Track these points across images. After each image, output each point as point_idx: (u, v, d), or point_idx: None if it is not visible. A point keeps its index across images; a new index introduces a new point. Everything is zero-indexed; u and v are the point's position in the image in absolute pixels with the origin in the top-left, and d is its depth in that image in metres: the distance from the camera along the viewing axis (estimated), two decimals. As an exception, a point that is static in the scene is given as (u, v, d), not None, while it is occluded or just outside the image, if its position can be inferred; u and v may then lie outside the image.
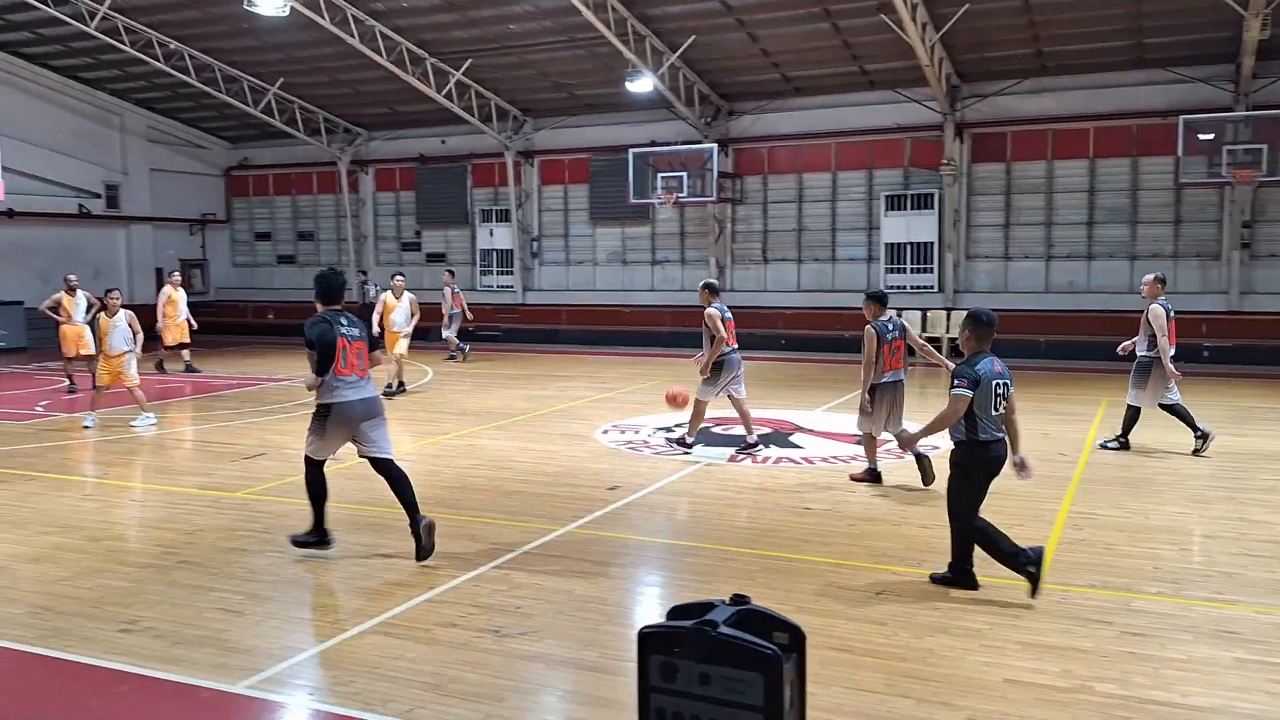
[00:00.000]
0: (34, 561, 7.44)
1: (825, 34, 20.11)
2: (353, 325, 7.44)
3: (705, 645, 2.63)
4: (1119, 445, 11.31)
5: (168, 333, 19.09)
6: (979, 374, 6.38)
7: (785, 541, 7.76)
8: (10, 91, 25.26)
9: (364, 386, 7.39)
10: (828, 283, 23.72)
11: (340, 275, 7.74)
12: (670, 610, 2.88)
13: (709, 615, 2.79)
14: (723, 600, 2.97)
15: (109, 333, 13.38)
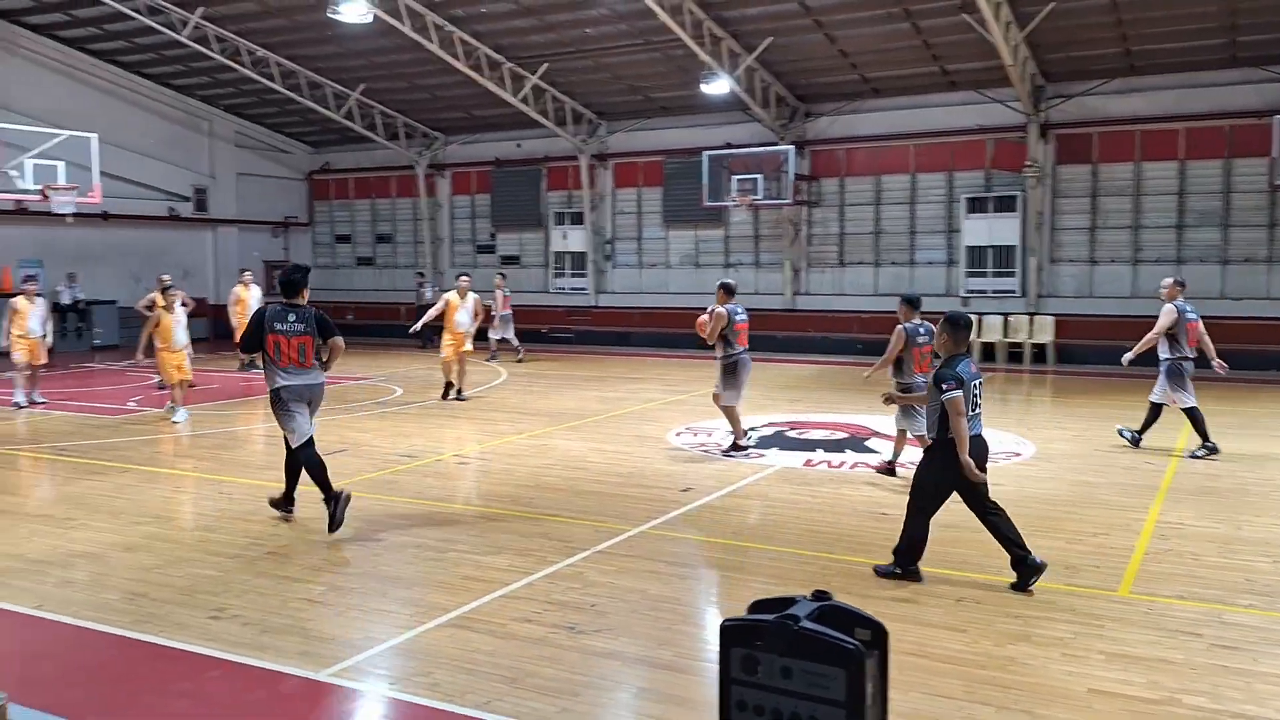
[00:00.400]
0: (129, 550, 7.68)
1: (905, 34, 19.86)
2: (299, 320, 8.21)
3: (787, 639, 2.61)
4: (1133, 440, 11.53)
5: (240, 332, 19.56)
6: (961, 375, 6.57)
7: (861, 546, 7.67)
8: (108, 99, 26.13)
9: (304, 374, 8.24)
10: (905, 286, 23.37)
11: (298, 271, 8.51)
12: (751, 605, 2.87)
13: (790, 610, 2.77)
14: (804, 596, 2.94)
15: (172, 329, 13.81)
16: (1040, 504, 9.05)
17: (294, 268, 8.50)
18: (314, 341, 8.26)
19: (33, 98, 23.92)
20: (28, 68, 24.45)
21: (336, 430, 13.07)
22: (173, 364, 13.97)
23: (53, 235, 24.58)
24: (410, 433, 12.91)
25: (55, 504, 9.19)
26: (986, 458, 6.81)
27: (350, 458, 11.25)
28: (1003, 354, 21.42)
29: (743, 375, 11.33)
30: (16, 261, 24.43)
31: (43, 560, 7.43)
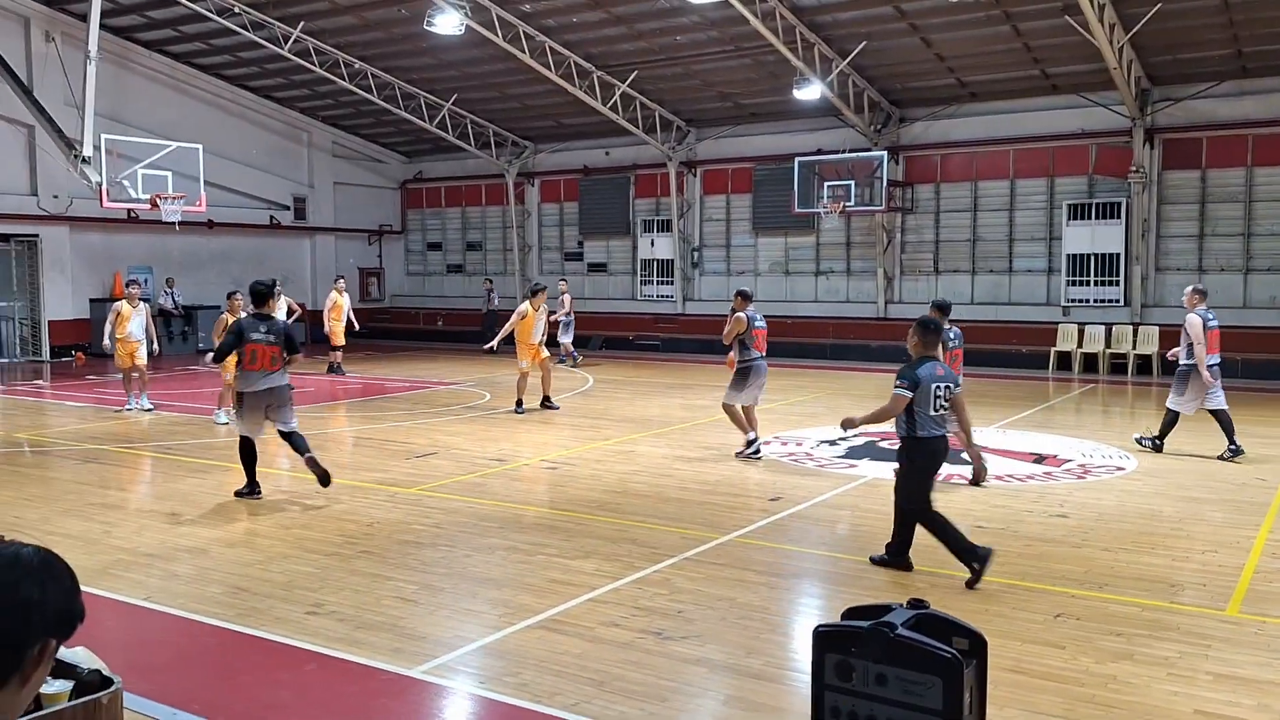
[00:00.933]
0: (231, 546, 7.93)
1: (1005, 37, 19.46)
2: (269, 332, 9.39)
3: (883, 646, 2.56)
4: (1154, 447, 11.72)
5: (335, 336, 20.09)
6: (919, 377, 6.91)
7: (954, 560, 7.45)
8: (213, 111, 27.05)
9: (271, 378, 9.38)
10: (1004, 295, 22.89)
11: (265, 285, 9.75)
12: (846, 611, 2.80)
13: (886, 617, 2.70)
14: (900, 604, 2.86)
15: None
16: (1144, 520, 8.75)
17: (259, 282, 9.88)
18: (282, 351, 9.47)
19: (144, 111, 24.85)
20: (140, 82, 25.44)
21: (426, 433, 13.30)
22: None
23: (161, 243, 25.51)
24: (498, 437, 13.05)
25: (163, 500, 9.50)
26: (944, 458, 7.20)
27: (440, 460, 11.42)
28: (1105, 365, 20.78)
29: (754, 379, 11.59)
30: (127, 268, 25.40)
31: (151, 554, 7.70)
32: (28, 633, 1.61)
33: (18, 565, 1.62)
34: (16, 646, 1.60)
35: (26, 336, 24.02)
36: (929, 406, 6.91)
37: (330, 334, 20.27)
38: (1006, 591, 6.72)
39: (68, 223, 23.98)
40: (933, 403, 6.92)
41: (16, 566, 1.62)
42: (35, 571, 1.63)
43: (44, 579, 1.64)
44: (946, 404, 7.03)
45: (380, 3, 21.37)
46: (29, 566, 1.63)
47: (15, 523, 8.58)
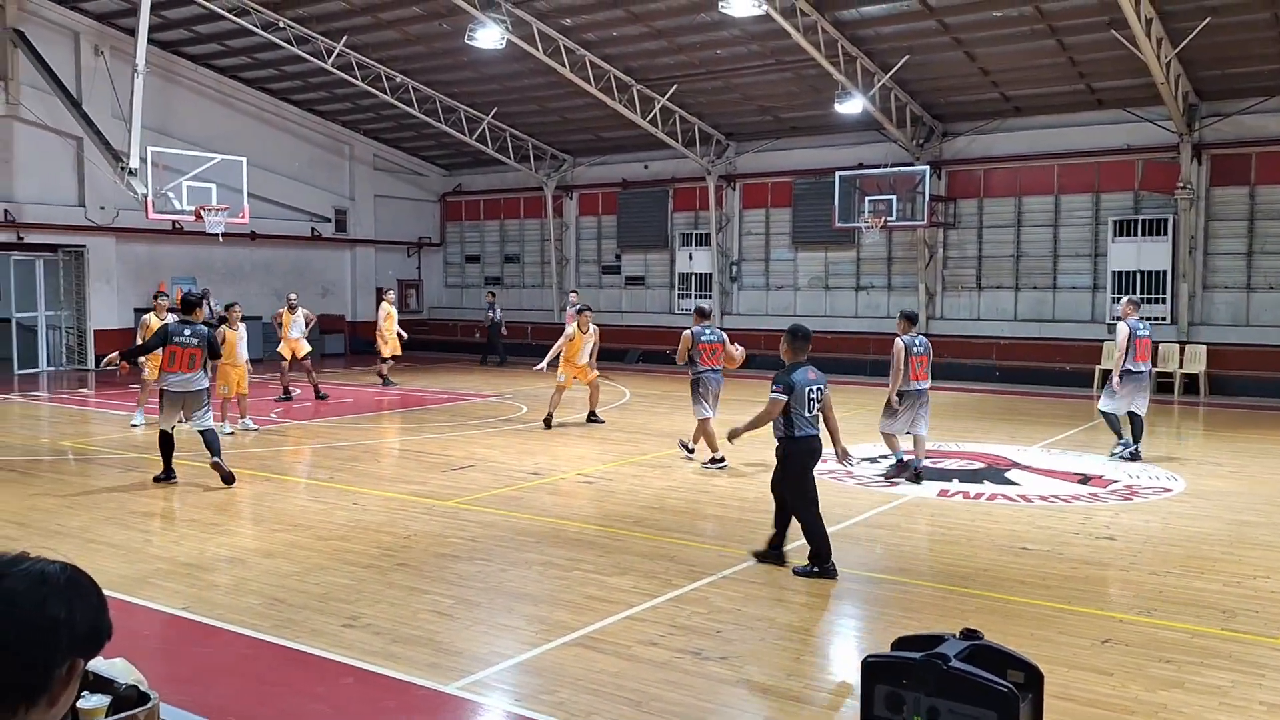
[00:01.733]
0: (268, 556, 7.95)
1: (1050, 51, 19.22)
2: (193, 335, 10.48)
3: (936, 679, 2.46)
4: (1131, 455, 12.29)
5: (386, 347, 20.14)
6: (793, 381, 7.52)
7: (1000, 582, 7.35)
8: (257, 124, 27.38)
9: (190, 380, 10.44)
10: (1047, 312, 22.56)
11: (194, 296, 11.07)
12: (896, 641, 2.70)
13: (939, 649, 2.60)
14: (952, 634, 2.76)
15: (235, 345, 14.35)
16: (1193, 543, 8.55)
17: (190, 292, 11.12)
18: (202, 354, 10.51)
19: (189, 123, 25.20)
20: (186, 95, 25.79)
21: (464, 446, 13.29)
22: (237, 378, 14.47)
23: (205, 253, 25.83)
24: (535, 450, 13.02)
25: (202, 510, 9.55)
26: (818, 458, 7.73)
27: (477, 473, 11.40)
28: (1151, 384, 20.32)
29: (706, 391, 12.10)
30: (170, 278, 25.70)
31: (190, 563, 7.75)
32: (55, 653, 1.58)
33: (44, 584, 1.59)
34: (44, 666, 1.57)
35: (72, 345, 24.33)
36: (804, 408, 7.51)
37: (382, 344, 20.22)
38: (1053, 616, 6.57)
39: (114, 233, 24.30)
40: (807, 404, 7.54)
41: (43, 585, 1.59)
42: (62, 590, 1.60)
43: (71, 597, 1.61)
44: (819, 405, 7.65)
45: (422, 17, 21.52)
46: (55, 585, 1.60)
47: (58, 530, 8.69)
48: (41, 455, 12.93)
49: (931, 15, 18.48)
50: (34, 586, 1.57)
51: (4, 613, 1.54)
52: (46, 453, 13.17)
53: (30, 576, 1.59)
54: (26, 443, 13.92)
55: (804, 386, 7.50)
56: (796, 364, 7.70)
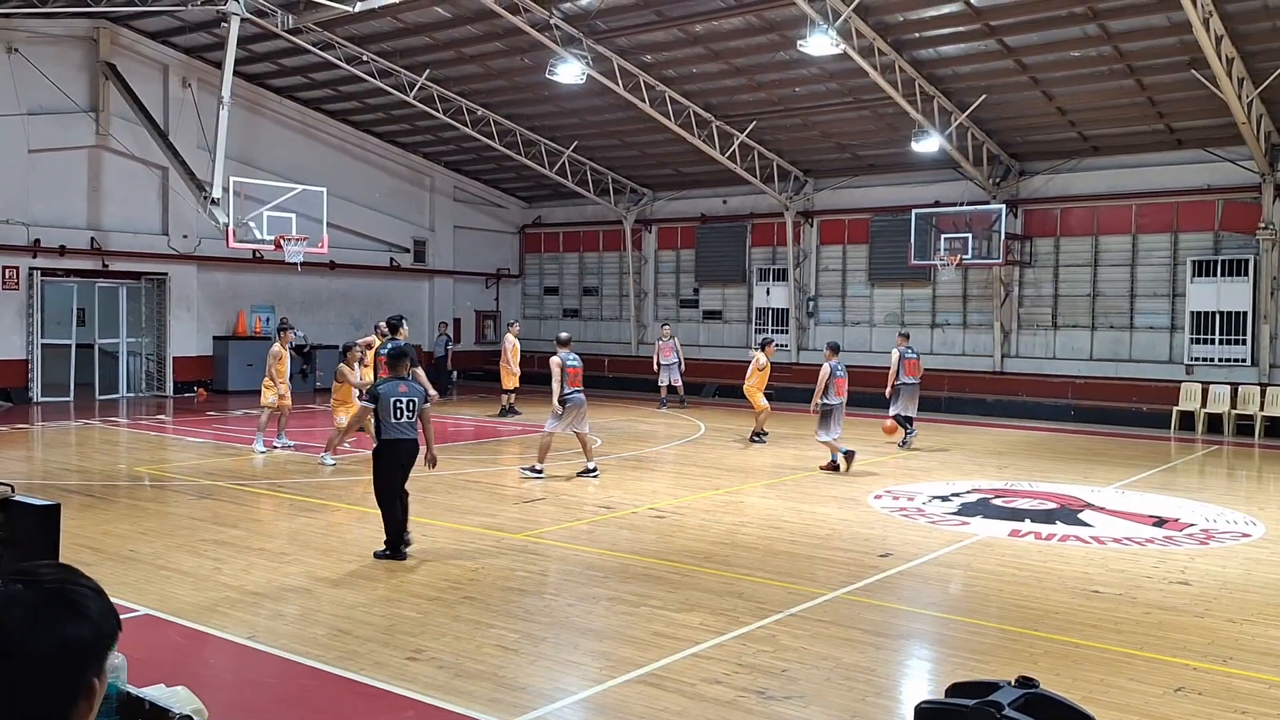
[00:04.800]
0: (335, 586, 8.04)
1: (1128, 91, 18.99)
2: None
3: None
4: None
5: (511, 378, 20.41)
6: (379, 392, 8.93)
7: (1070, 625, 7.24)
8: (339, 155, 28.04)
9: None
10: (1124, 352, 22.12)
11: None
12: (949, 687, 2.74)
13: (993, 696, 2.63)
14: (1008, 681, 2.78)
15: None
16: (1272, 590, 8.34)
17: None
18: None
19: (272, 154, 25.85)
20: (270, 127, 26.48)
21: (537, 480, 13.40)
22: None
23: (284, 282, 26.40)
24: (607, 484, 13.08)
25: (272, 539, 9.67)
26: (408, 456, 8.94)
27: (548, 506, 11.51)
28: (1231, 426, 19.84)
29: (571, 411, 13.26)
30: (250, 307, 26.34)
31: (258, 592, 7.81)
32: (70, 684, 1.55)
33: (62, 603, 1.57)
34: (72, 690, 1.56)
35: (152, 372, 24.78)
36: (389, 415, 8.80)
37: (506, 375, 20.58)
38: (1124, 661, 6.47)
39: (195, 262, 24.85)
40: (393, 412, 8.80)
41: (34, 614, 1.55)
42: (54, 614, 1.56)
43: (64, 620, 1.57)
44: (411, 414, 8.88)
45: (505, 52, 21.97)
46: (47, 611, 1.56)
47: (130, 556, 8.83)
48: (119, 481, 13.18)
49: (1009, 55, 18.40)
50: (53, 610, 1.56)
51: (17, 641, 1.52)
52: (123, 478, 13.42)
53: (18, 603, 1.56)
54: (104, 468, 14.17)
55: (389, 397, 8.84)
56: (389, 379, 9.23)
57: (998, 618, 7.49)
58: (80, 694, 1.55)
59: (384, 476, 8.94)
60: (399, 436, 8.87)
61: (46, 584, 1.59)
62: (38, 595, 1.56)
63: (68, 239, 22.78)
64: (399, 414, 8.87)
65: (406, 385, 9.01)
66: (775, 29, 18.70)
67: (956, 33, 18.19)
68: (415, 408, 8.94)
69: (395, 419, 8.86)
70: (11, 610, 1.53)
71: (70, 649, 1.54)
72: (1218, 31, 15.73)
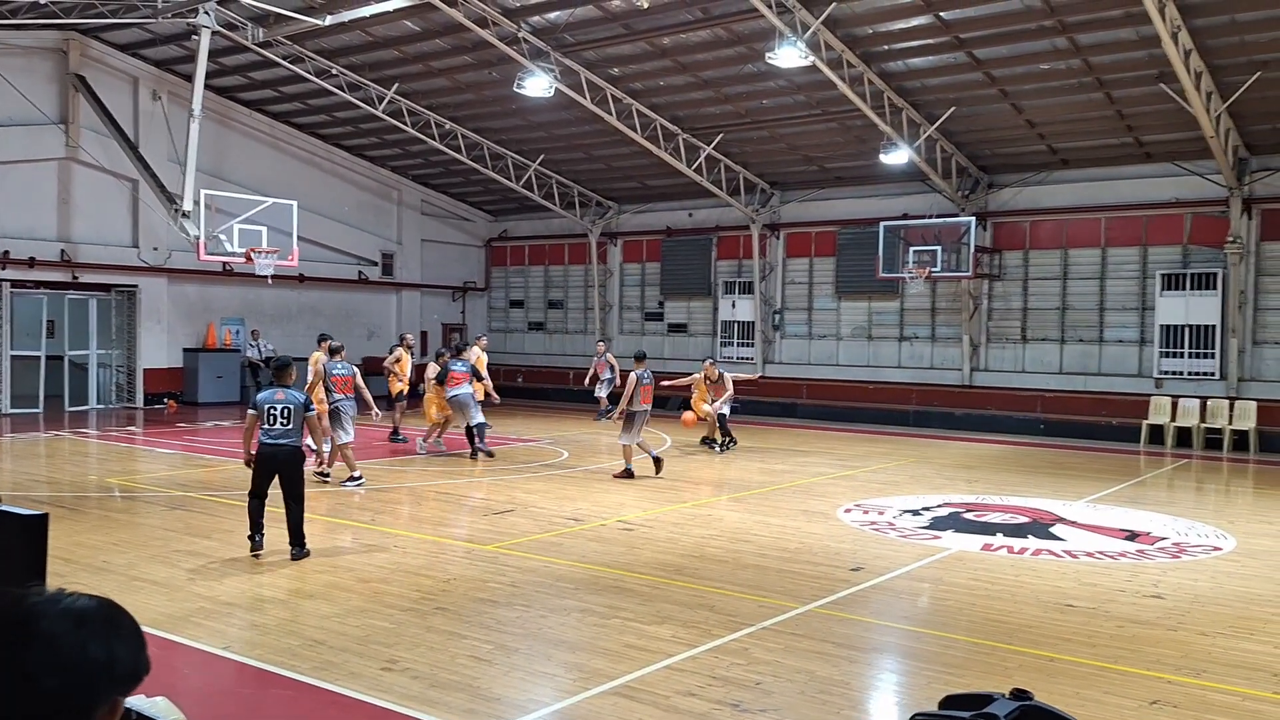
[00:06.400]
0: (310, 598, 7.99)
1: (1097, 104, 19.18)
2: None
3: (984, 740, 2.40)
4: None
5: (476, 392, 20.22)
6: (257, 401, 9.33)
7: (1044, 639, 7.20)
8: (308, 168, 27.89)
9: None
10: (1093, 365, 22.28)
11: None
12: (944, 700, 2.66)
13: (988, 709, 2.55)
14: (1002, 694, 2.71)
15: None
16: (1244, 603, 8.34)
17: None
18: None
19: (242, 167, 25.71)
20: (239, 140, 26.34)
21: (505, 490, 13.31)
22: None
23: (254, 295, 26.23)
24: (575, 496, 13.00)
25: (244, 550, 9.54)
26: (294, 464, 9.30)
27: (517, 518, 11.40)
28: (1200, 440, 20.01)
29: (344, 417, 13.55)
30: (220, 319, 26.15)
31: (231, 603, 7.79)
32: (97, 694, 1.58)
33: (83, 625, 1.58)
34: (87, 708, 1.57)
35: (122, 383, 24.71)
36: (266, 421, 9.21)
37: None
38: (1099, 675, 6.44)
39: (166, 274, 24.75)
40: (268, 418, 9.20)
41: (82, 627, 1.58)
42: (101, 630, 1.60)
43: (110, 637, 1.60)
44: (286, 421, 9.20)
45: (473, 66, 21.91)
46: (95, 625, 1.60)
47: (103, 566, 8.78)
48: (89, 492, 13.09)
49: (979, 67, 18.54)
50: (74, 628, 1.57)
51: (46, 658, 1.54)
52: (94, 489, 13.33)
53: (70, 616, 1.58)
54: (75, 479, 14.10)
55: (265, 404, 9.25)
56: (270, 387, 9.59)
57: (971, 631, 7.44)
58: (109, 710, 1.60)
59: (255, 478, 9.35)
60: (271, 441, 9.20)
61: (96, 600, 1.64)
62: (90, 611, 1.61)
63: (37, 250, 22.56)
64: (272, 420, 9.22)
65: (284, 393, 9.34)
66: (743, 41, 18.74)
67: (926, 45, 18.30)
68: (292, 415, 9.24)
69: (269, 424, 9.22)
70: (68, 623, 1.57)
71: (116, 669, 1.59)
72: (1186, 45, 15.91)
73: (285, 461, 9.26)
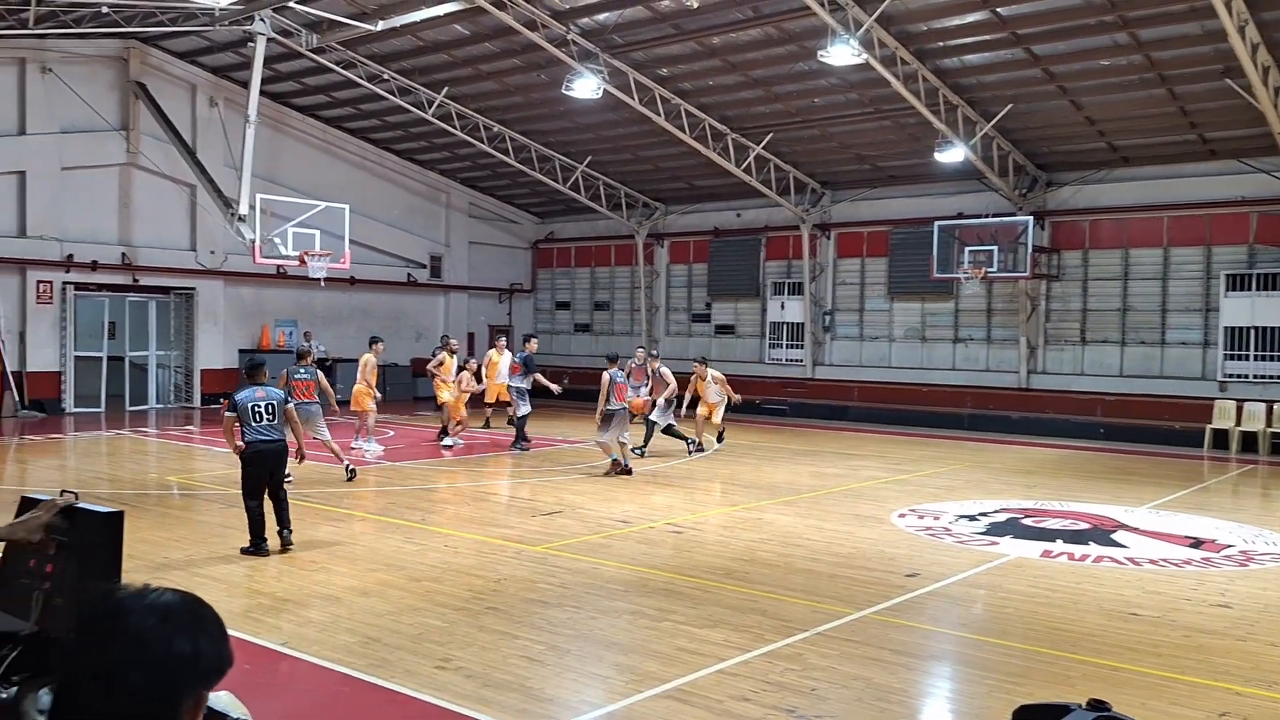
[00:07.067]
0: (364, 595, 8.01)
1: (1160, 100, 18.72)
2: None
3: (1067, 754, 2.26)
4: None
5: (489, 392, 20.29)
6: (236, 400, 9.47)
7: (1107, 648, 7.00)
8: (359, 172, 28.15)
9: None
10: (1155, 368, 21.74)
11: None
12: (1017, 710, 2.53)
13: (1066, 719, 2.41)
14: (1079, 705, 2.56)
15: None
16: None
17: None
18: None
19: (296, 172, 26.00)
20: (293, 145, 26.67)
21: (552, 491, 13.28)
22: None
23: (306, 297, 26.55)
24: (622, 498, 12.92)
25: (301, 548, 9.65)
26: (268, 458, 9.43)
27: (565, 519, 11.35)
28: (1265, 445, 19.41)
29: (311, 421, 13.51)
30: (274, 321, 26.48)
31: (289, 599, 7.87)
32: (183, 687, 1.61)
33: (169, 620, 1.62)
34: (173, 702, 1.61)
35: (180, 384, 25.17)
36: (249, 420, 9.35)
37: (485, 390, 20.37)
38: (1165, 685, 6.25)
39: (222, 277, 25.16)
40: (252, 416, 9.35)
41: (168, 621, 1.62)
42: (187, 625, 1.64)
43: (196, 631, 1.64)
44: (270, 417, 9.41)
45: (522, 68, 21.95)
46: (180, 620, 1.63)
47: (164, 563, 8.89)
48: (149, 489, 13.27)
49: (1036, 64, 18.18)
50: (160, 623, 1.61)
51: (133, 653, 1.58)
52: (154, 487, 13.52)
53: (156, 612, 1.62)
54: (135, 477, 14.29)
55: (247, 403, 9.41)
56: (245, 386, 9.79)
57: (1031, 640, 7.25)
58: (194, 704, 1.63)
59: (247, 478, 9.46)
60: (258, 439, 9.40)
61: (180, 595, 1.67)
62: (175, 606, 1.64)
63: (99, 254, 23.07)
64: (258, 418, 9.44)
65: (264, 391, 9.61)
66: (794, 40, 18.56)
67: (982, 41, 17.97)
68: (275, 410, 9.51)
69: (255, 422, 9.42)
70: (154, 617, 1.61)
71: (201, 662, 1.62)
72: (1254, 39, 15.45)
73: (276, 455, 9.54)
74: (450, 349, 18.06)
